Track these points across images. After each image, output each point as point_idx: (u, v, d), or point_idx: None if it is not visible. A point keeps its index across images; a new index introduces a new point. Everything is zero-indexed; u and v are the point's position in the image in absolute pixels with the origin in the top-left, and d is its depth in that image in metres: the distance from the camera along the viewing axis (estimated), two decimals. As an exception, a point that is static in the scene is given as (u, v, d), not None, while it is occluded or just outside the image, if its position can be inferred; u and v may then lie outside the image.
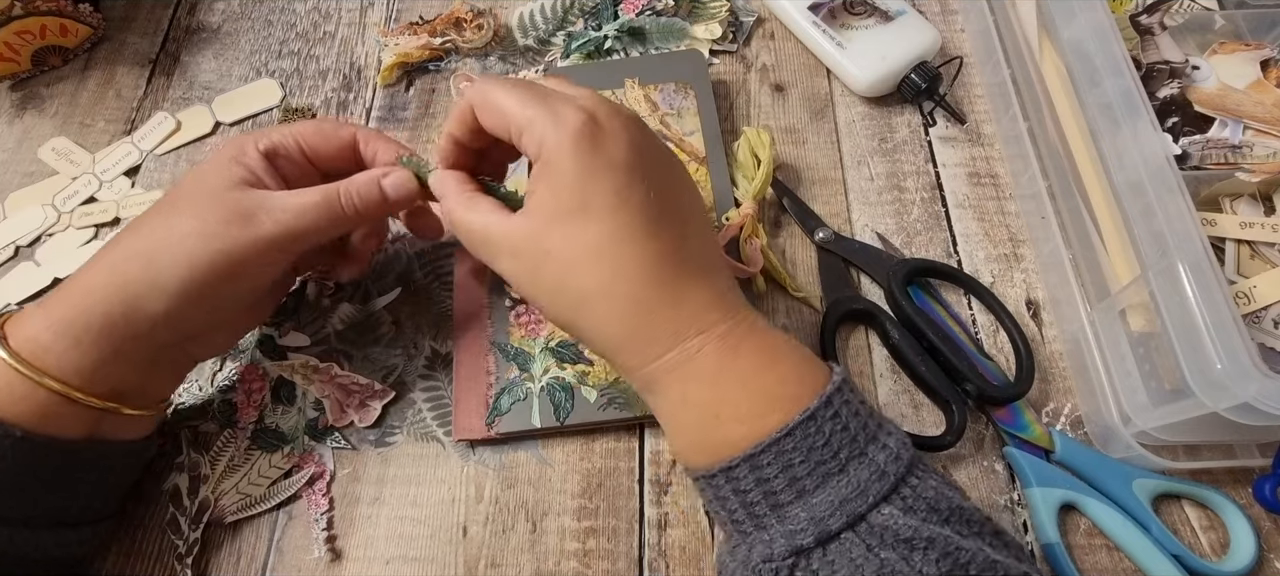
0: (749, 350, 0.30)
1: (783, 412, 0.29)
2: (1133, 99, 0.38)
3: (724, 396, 0.30)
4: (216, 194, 0.34)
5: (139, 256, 0.33)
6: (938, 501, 0.28)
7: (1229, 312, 0.31)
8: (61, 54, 0.54)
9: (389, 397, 0.41)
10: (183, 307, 0.33)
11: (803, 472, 0.28)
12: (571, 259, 0.30)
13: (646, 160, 0.31)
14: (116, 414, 0.34)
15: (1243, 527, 0.37)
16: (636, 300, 0.30)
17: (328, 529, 0.38)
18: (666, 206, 0.31)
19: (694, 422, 0.31)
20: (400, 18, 0.57)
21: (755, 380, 0.30)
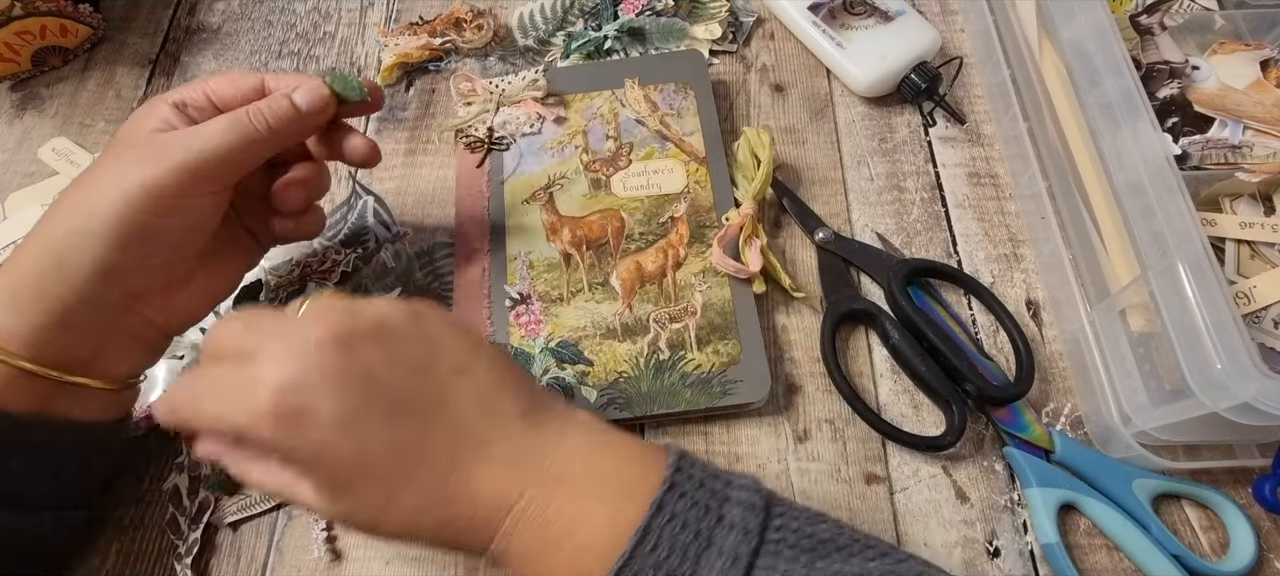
0: (567, 497, 0.28)
1: (627, 526, 0.27)
2: (1133, 99, 0.38)
3: (561, 549, 0.28)
4: (129, 141, 0.34)
5: (60, 211, 0.33)
6: (805, 528, 0.28)
7: (1229, 313, 0.31)
8: (61, 54, 0.54)
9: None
10: (109, 253, 0.32)
11: (676, 564, 0.26)
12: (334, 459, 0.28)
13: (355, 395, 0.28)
14: (76, 387, 0.33)
15: (1242, 527, 0.37)
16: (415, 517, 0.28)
17: (327, 529, 0.38)
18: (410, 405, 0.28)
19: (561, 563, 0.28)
20: (400, 18, 0.57)
21: (584, 523, 0.28)
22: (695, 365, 0.41)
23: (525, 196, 0.46)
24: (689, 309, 0.42)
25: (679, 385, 0.40)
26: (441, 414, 0.29)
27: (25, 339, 0.31)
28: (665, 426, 0.41)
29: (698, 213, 0.45)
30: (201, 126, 0.34)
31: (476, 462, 0.29)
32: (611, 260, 0.44)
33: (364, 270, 0.45)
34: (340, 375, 0.27)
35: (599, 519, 0.28)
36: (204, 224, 0.36)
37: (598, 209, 0.46)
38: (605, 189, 0.46)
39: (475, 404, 0.30)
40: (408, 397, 0.28)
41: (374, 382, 0.28)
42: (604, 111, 0.49)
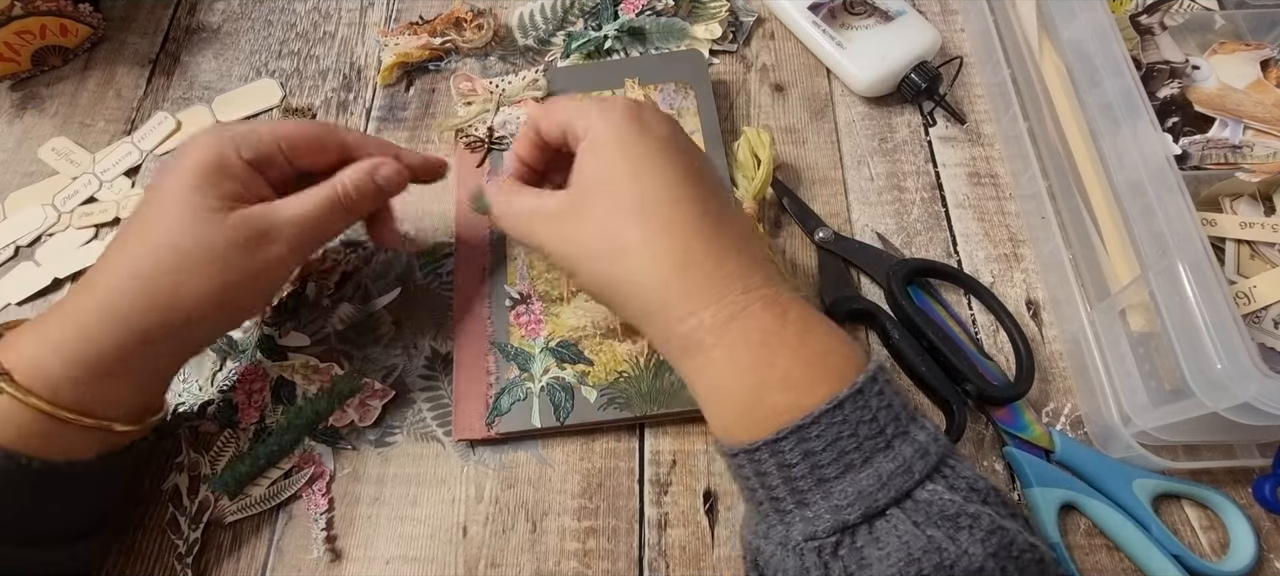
0: (795, 318, 0.30)
1: (830, 385, 0.28)
2: (1133, 99, 0.38)
3: (772, 360, 0.29)
4: (216, 216, 0.33)
5: (147, 286, 0.32)
6: (976, 482, 0.28)
7: (1229, 312, 0.31)
8: (61, 54, 0.54)
9: (389, 397, 0.41)
10: (196, 334, 0.35)
11: (851, 447, 0.27)
12: (614, 214, 0.31)
13: (685, 146, 0.34)
14: (104, 430, 0.33)
15: (1243, 527, 0.37)
16: (680, 252, 0.30)
17: (327, 529, 0.38)
18: (704, 183, 0.33)
19: (738, 388, 0.30)
20: (400, 18, 0.57)
21: (803, 349, 0.29)
22: (695, 365, 0.41)
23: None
24: (689, 309, 0.42)
25: (679, 385, 0.40)
26: (717, 196, 0.33)
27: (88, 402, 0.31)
28: (665, 426, 0.41)
29: (698, 212, 0.45)
30: (298, 210, 0.35)
31: (739, 240, 0.32)
32: (611, 260, 0.44)
33: (364, 270, 0.45)
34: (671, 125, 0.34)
35: (797, 372, 0.29)
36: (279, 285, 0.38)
37: (598, 209, 0.46)
38: (605, 189, 0.46)
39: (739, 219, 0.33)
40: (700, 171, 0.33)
41: (684, 144, 0.33)
42: (604, 111, 0.49)
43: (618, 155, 0.32)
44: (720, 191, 0.33)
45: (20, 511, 0.32)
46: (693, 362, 0.31)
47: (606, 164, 0.32)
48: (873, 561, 0.26)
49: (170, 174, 0.34)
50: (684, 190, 0.32)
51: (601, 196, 0.32)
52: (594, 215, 0.32)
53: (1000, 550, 0.26)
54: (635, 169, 0.32)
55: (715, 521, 0.38)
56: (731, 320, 0.30)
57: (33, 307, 0.45)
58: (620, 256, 0.31)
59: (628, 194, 0.31)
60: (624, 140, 0.32)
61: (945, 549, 0.25)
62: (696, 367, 0.31)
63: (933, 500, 0.27)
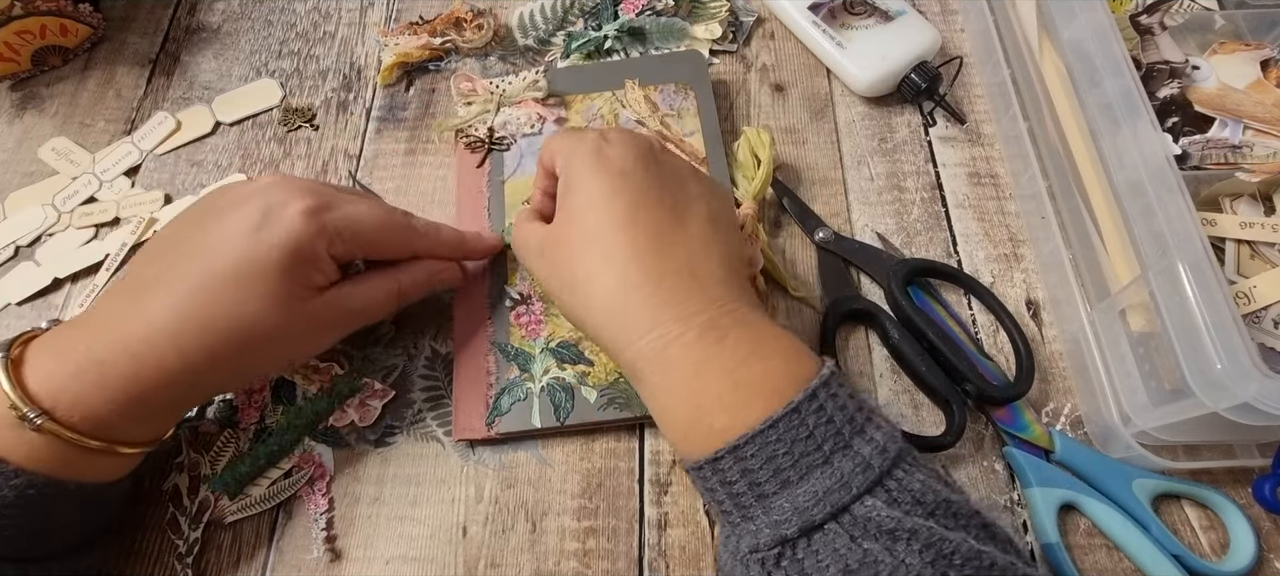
0: (734, 341, 0.31)
1: (766, 404, 0.29)
2: (1133, 99, 0.38)
3: (706, 386, 0.30)
4: (298, 304, 0.34)
5: (214, 347, 0.32)
6: (923, 494, 0.28)
7: (1229, 312, 0.31)
8: (61, 54, 0.54)
9: (389, 397, 0.41)
10: (235, 386, 0.40)
11: (786, 464, 0.28)
12: (574, 246, 0.34)
13: (647, 166, 0.35)
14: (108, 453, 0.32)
15: (1242, 528, 0.37)
16: (620, 282, 0.32)
17: (327, 529, 0.38)
18: (662, 204, 0.34)
19: (678, 411, 0.31)
20: (400, 18, 0.57)
21: (740, 371, 0.30)
22: (695, 365, 0.41)
23: (526, 196, 0.46)
24: (689, 309, 0.42)
25: (679, 385, 0.40)
26: (673, 219, 0.34)
27: (89, 413, 0.31)
28: (665, 426, 0.41)
29: (698, 212, 0.45)
30: (363, 298, 0.37)
31: (685, 267, 0.33)
32: (611, 260, 0.44)
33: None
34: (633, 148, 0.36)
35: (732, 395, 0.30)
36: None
37: (598, 209, 0.46)
38: (605, 189, 0.46)
39: (703, 240, 0.34)
40: (662, 192, 0.35)
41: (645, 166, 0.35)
42: (604, 112, 0.49)
43: (578, 192, 0.34)
44: (679, 209, 0.35)
45: (43, 531, 0.32)
46: (639, 386, 0.33)
47: (570, 202, 0.35)
48: (812, 572, 0.27)
49: (265, 244, 0.32)
50: (632, 219, 0.33)
51: (566, 231, 0.35)
52: (561, 250, 0.35)
53: (939, 559, 0.26)
54: (590, 203, 0.34)
55: (715, 521, 0.38)
56: (666, 348, 0.31)
57: (33, 307, 0.45)
58: (576, 288, 0.34)
59: (582, 229, 0.34)
60: (583, 178, 0.34)
61: (881, 561, 0.26)
62: (642, 391, 0.34)
63: (871, 515, 0.27)
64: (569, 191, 0.35)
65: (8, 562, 0.31)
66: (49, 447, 0.30)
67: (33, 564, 0.32)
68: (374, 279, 0.38)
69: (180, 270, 0.32)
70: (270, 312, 0.33)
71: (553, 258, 0.35)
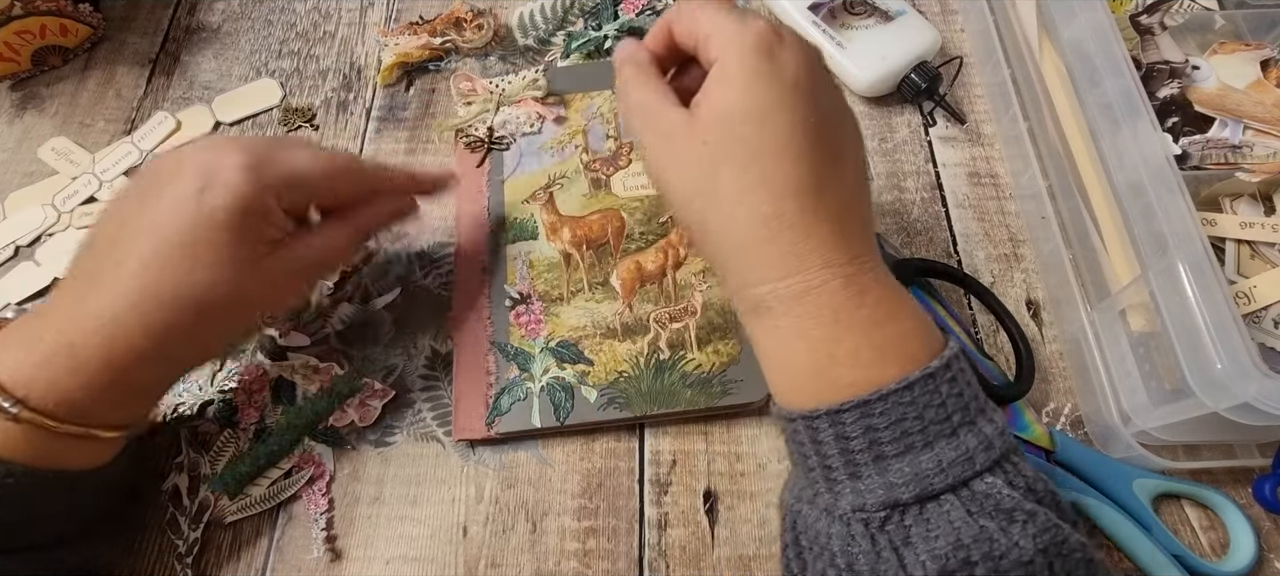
0: (873, 299, 0.30)
1: (900, 366, 0.28)
2: (1133, 99, 0.38)
3: (842, 337, 0.29)
4: (253, 265, 0.33)
5: (175, 320, 0.32)
6: (1034, 482, 0.28)
7: (1229, 312, 0.31)
8: (61, 54, 0.54)
9: (389, 397, 0.41)
10: (215, 355, 0.39)
11: (914, 428, 0.27)
12: (721, 155, 0.30)
13: (816, 87, 0.31)
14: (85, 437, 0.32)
15: (1243, 527, 0.37)
16: (772, 214, 0.30)
17: (327, 529, 0.38)
18: (823, 137, 0.31)
19: (804, 358, 0.30)
20: (400, 17, 0.57)
21: (877, 330, 0.29)
22: (695, 365, 0.41)
23: (525, 196, 0.46)
24: (689, 308, 0.42)
25: (679, 385, 0.40)
26: (831, 153, 0.31)
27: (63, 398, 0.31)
28: (665, 426, 0.41)
29: (698, 212, 0.45)
30: (320, 251, 0.37)
31: (838, 211, 0.30)
32: (611, 260, 0.44)
33: (364, 270, 0.45)
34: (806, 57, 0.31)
35: (867, 352, 0.29)
36: None
37: (598, 208, 0.46)
38: (605, 188, 0.46)
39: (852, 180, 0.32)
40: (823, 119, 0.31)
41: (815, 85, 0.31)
42: (604, 111, 0.49)
43: (739, 93, 0.30)
44: (838, 147, 0.31)
45: (28, 520, 0.32)
46: (758, 324, 0.31)
47: (725, 101, 0.30)
48: (918, 541, 0.26)
49: (207, 208, 0.32)
50: (795, 145, 0.30)
51: (715, 133, 0.30)
52: (702, 151, 0.30)
53: (1051, 547, 0.26)
54: (752, 113, 0.30)
55: (715, 521, 0.38)
56: (807, 293, 0.29)
57: (33, 307, 0.45)
58: (713, 200, 0.30)
59: (737, 139, 0.30)
60: (749, 79, 0.30)
61: (996, 540, 0.26)
62: (761, 328, 0.31)
63: (990, 492, 0.27)
64: (725, 86, 0.30)
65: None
66: (26, 436, 0.30)
67: (17, 556, 0.32)
68: (330, 224, 0.37)
69: (133, 249, 0.32)
70: (227, 276, 0.32)
71: (686, 154, 0.31)
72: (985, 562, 0.25)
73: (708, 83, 0.31)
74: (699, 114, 0.31)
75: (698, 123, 0.31)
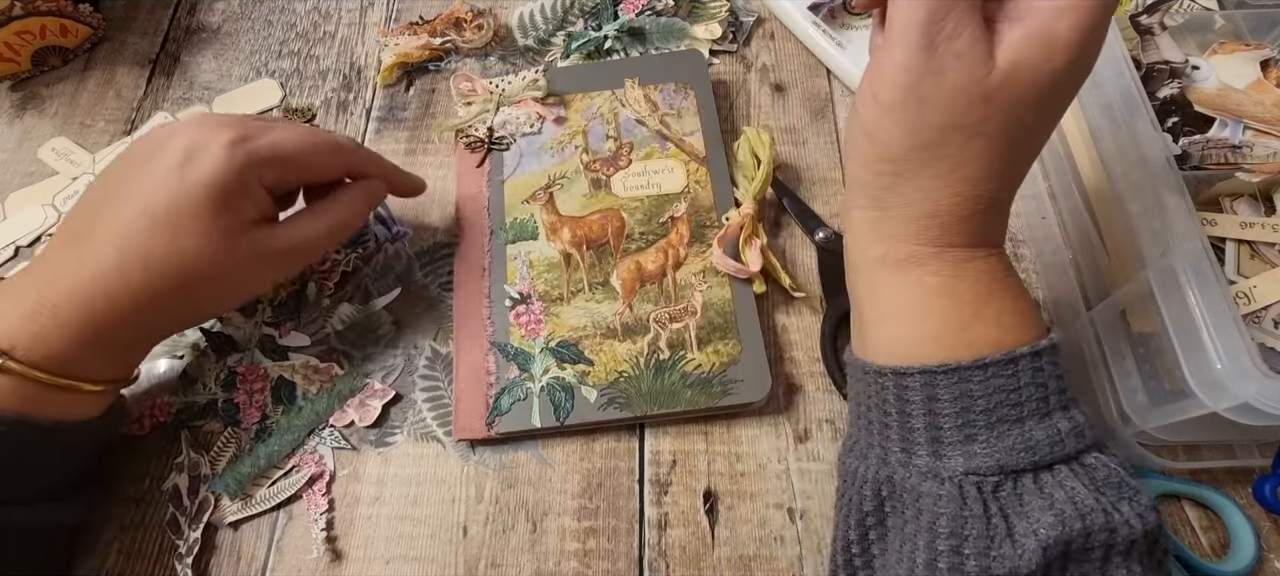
0: (1014, 276, 0.31)
1: (1034, 332, 0.29)
2: (1133, 99, 0.38)
3: (989, 300, 0.30)
4: (234, 238, 0.35)
5: (158, 284, 0.33)
6: (1127, 466, 0.29)
7: (1229, 313, 0.31)
8: (61, 54, 0.54)
9: (389, 398, 0.41)
10: (189, 324, 0.39)
11: (1034, 396, 0.28)
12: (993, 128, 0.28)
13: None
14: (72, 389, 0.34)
15: (1243, 527, 0.37)
16: (989, 197, 0.29)
17: (327, 529, 0.38)
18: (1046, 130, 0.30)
19: (947, 314, 0.30)
20: (400, 18, 0.57)
21: (1018, 299, 0.30)
22: (695, 365, 0.41)
23: (525, 196, 0.46)
24: (689, 309, 0.42)
25: (679, 385, 0.40)
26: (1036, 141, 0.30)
27: (50, 357, 0.32)
28: (665, 426, 0.41)
29: (698, 212, 0.45)
30: (303, 234, 0.38)
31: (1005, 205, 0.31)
32: (612, 260, 0.44)
33: (364, 270, 0.45)
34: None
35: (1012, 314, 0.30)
36: None
37: (598, 209, 0.46)
38: (605, 189, 0.46)
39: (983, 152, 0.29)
40: None
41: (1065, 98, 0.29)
42: (604, 111, 0.49)
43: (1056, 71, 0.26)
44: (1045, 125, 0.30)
45: (19, 471, 0.33)
46: (901, 276, 0.31)
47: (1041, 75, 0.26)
48: (1033, 508, 0.27)
49: (190, 181, 0.33)
50: (1042, 138, 0.30)
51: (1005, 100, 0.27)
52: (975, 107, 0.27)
53: (1153, 529, 0.27)
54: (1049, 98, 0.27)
55: (715, 521, 0.38)
56: (971, 260, 0.30)
57: (33, 307, 0.45)
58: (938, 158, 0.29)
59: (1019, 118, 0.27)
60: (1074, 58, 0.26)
61: (1110, 513, 0.26)
62: (902, 282, 0.31)
63: (1098, 466, 0.27)
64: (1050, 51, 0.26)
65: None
66: (14, 388, 0.32)
67: (10, 508, 0.33)
68: (311, 211, 0.39)
69: (118, 214, 0.33)
70: (207, 248, 0.34)
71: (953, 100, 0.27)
72: (1100, 533, 0.26)
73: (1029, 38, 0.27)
74: (1003, 53, 0.27)
75: (998, 59, 0.27)
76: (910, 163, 0.29)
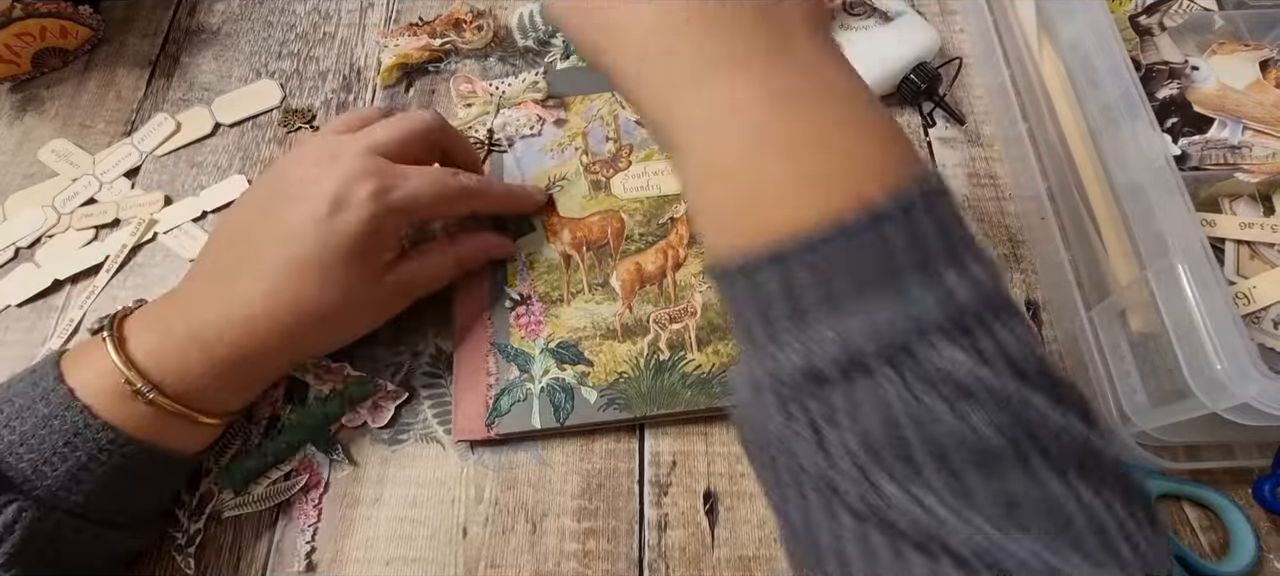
0: (813, 113, 0.23)
1: (839, 201, 0.22)
2: (1132, 99, 0.38)
3: (765, 167, 0.23)
4: (372, 283, 0.37)
5: (299, 326, 0.35)
6: (1021, 357, 0.21)
7: (1229, 313, 0.31)
8: (61, 56, 0.54)
9: (402, 398, 0.41)
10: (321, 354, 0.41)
11: (846, 283, 0.21)
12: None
13: None
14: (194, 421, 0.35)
15: (1243, 528, 0.37)
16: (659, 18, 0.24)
17: (311, 541, 0.38)
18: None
19: (721, 197, 0.24)
20: (400, 19, 0.57)
21: (814, 154, 0.23)
22: (695, 365, 0.41)
23: (525, 197, 0.46)
24: (689, 309, 0.42)
25: (679, 385, 0.40)
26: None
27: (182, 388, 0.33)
28: (665, 427, 0.41)
29: (697, 213, 0.45)
30: (428, 272, 0.40)
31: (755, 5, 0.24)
32: (611, 261, 0.44)
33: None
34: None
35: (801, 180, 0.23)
36: None
37: (598, 210, 0.46)
38: (605, 190, 0.46)
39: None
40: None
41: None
42: (604, 113, 0.49)
43: None
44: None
45: (129, 496, 0.34)
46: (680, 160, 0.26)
47: None
48: (843, 419, 0.21)
49: (339, 233, 0.35)
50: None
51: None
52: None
53: (1013, 424, 0.20)
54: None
55: (715, 522, 0.38)
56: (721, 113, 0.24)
57: (33, 309, 0.45)
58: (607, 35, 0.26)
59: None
60: None
61: (940, 418, 0.20)
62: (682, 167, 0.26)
63: (944, 368, 0.21)
64: None
65: (97, 525, 0.33)
66: (148, 416, 0.33)
67: (115, 530, 0.34)
68: (437, 248, 0.41)
69: (266, 256, 0.35)
70: (348, 292, 0.36)
71: None
72: (926, 446, 0.20)
73: None
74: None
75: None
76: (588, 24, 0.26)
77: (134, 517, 0.35)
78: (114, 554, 0.36)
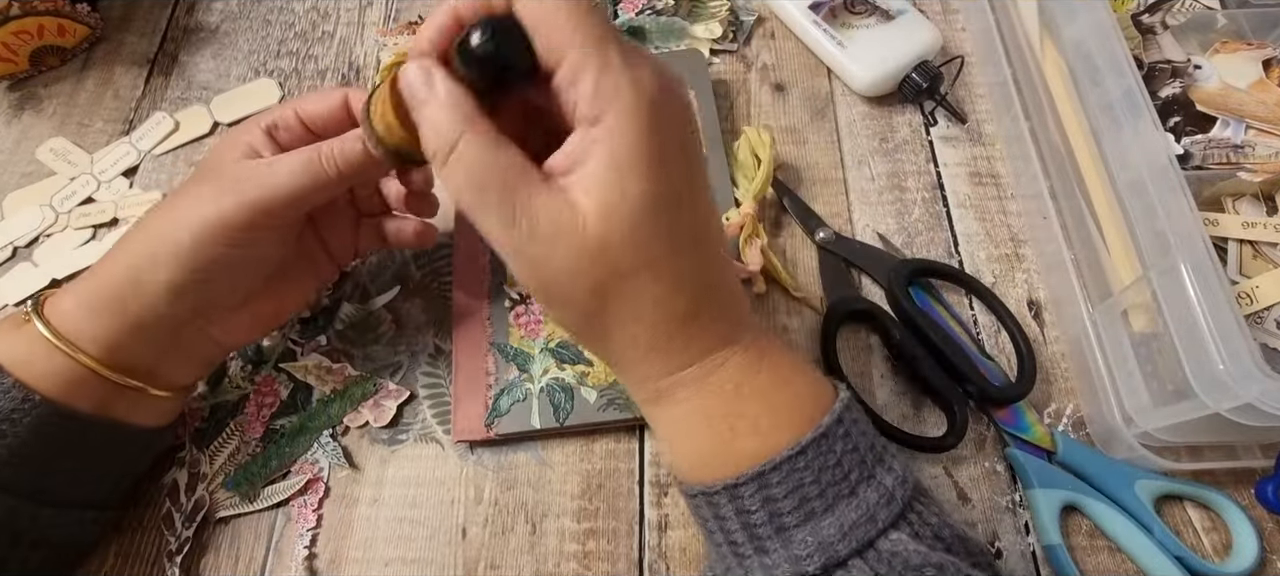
0: (769, 365, 0.29)
1: (795, 429, 0.27)
2: (1134, 98, 0.38)
3: (743, 410, 0.28)
4: (218, 169, 0.35)
5: (142, 230, 0.34)
6: (941, 529, 0.27)
7: (1231, 313, 0.31)
8: (59, 54, 0.54)
9: (404, 397, 0.41)
10: (181, 277, 0.34)
11: (813, 493, 0.27)
12: (629, 261, 0.26)
13: (693, 143, 0.28)
14: (139, 392, 0.34)
15: (1245, 529, 0.37)
16: (685, 312, 0.27)
17: (310, 545, 0.38)
18: (706, 195, 0.29)
19: (706, 435, 0.29)
20: (399, 17, 0.57)
21: (774, 395, 0.28)
22: (695, 366, 0.40)
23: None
24: (689, 309, 0.42)
25: (679, 386, 0.40)
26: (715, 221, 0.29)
27: (100, 344, 0.33)
28: (665, 427, 0.41)
29: (698, 212, 0.45)
30: (275, 164, 0.34)
31: (731, 282, 0.30)
32: (611, 260, 0.44)
33: (361, 269, 0.45)
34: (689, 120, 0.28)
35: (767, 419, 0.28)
36: (272, 254, 0.37)
37: (597, 209, 0.45)
38: (605, 189, 0.46)
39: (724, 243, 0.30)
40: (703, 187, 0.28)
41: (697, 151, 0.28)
42: (604, 111, 0.49)
43: (650, 184, 0.25)
44: (704, 202, 0.28)
45: (58, 469, 0.34)
46: (658, 409, 0.30)
47: (635, 194, 0.25)
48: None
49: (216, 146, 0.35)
50: (701, 226, 0.28)
51: (616, 230, 0.25)
52: (599, 254, 0.25)
53: None
54: (661, 203, 0.26)
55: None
56: (709, 374, 0.28)
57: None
58: (618, 308, 0.27)
59: (644, 238, 0.26)
60: (655, 162, 0.25)
61: None
62: (662, 413, 0.30)
63: (896, 551, 0.26)
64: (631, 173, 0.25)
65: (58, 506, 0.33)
66: (87, 386, 0.33)
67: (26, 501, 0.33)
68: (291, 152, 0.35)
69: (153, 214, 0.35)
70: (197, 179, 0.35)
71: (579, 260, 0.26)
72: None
73: (588, 146, 0.25)
74: (588, 203, 0.25)
75: (586, 215, 0.25)
76: (592, 331, 0.28)
77: (71, 498, 0.35)
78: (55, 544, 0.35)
